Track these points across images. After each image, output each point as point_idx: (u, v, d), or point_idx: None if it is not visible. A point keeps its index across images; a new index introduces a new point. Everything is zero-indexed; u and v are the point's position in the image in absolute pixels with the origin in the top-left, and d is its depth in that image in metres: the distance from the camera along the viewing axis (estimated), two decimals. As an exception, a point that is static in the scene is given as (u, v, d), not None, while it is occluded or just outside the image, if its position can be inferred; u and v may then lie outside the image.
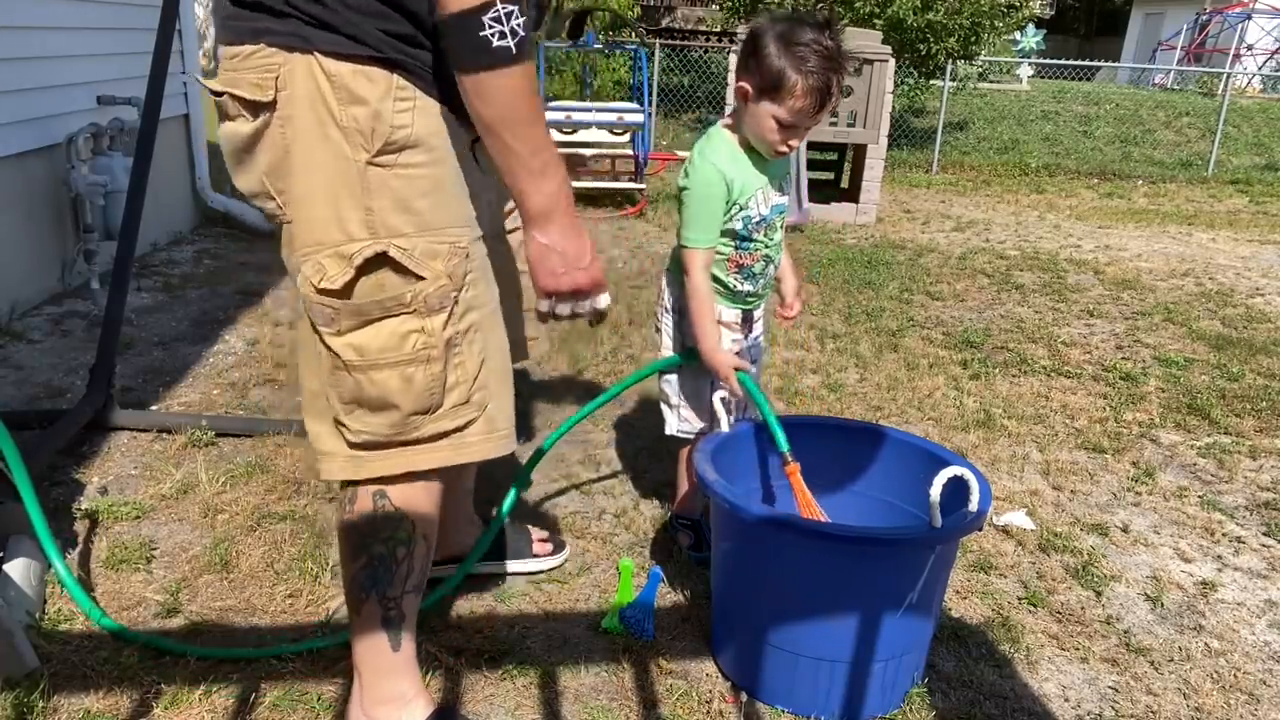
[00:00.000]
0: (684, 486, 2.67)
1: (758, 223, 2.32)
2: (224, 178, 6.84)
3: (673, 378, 2.51)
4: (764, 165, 2.31)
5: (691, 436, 2.55)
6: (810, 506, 2.16)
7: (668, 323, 2.49)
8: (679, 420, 2.54)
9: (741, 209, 2.29)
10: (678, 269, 2.40)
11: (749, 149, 2.29)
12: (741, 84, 2.19)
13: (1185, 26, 25.48)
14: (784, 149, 2.23)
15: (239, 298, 4.93)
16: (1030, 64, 19.42)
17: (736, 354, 2.39)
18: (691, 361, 2.40)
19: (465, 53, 1.43)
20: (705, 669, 2.21)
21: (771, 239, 2.38)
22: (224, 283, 5.20)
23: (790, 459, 2.19)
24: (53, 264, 4.72)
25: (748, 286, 2.41)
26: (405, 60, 1.50)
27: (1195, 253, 7.58)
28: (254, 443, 3.19)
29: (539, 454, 2.48)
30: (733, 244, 2.35)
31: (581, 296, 1.69)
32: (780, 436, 2.19)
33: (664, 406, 2.57)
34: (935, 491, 1.85)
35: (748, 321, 2.49)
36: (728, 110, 8.31)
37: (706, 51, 15.80)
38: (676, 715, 2.05)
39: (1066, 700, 2.18)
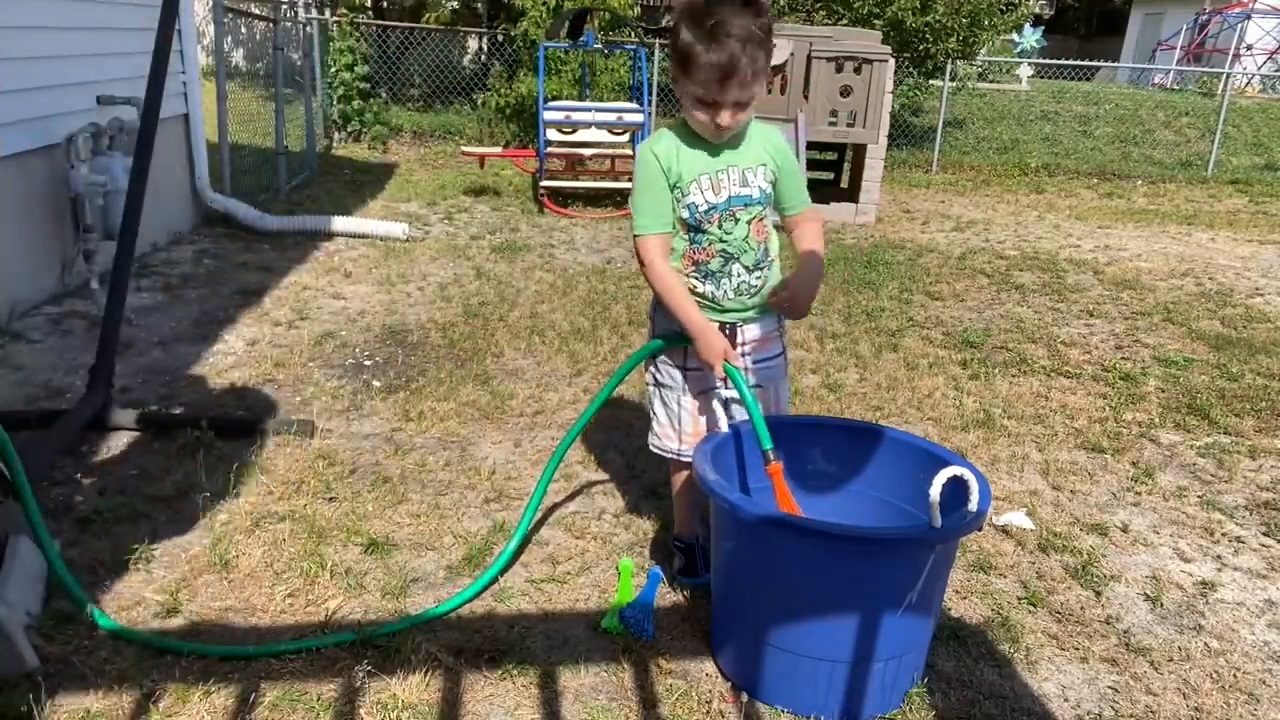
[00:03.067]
0: (679, 509, 2.61)
1: (706, 211, 2.22)
2: (223, 177, 6.84)
3: (655, 393, 2.46)
4: (716, 152, 2.22)
5: (664, 454, 2.49)
6: (790, 507, 2.15)
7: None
8: (653, 436, 2.50)
9: (684, 194, 2.21)
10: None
11: (697, 137, 2.21)
12: (672, 69, 2.17)
13: (1185, 26, 25.48)
14: (712, 127, 2.15)
15: (238, 298, 4.93)
16: (1030, 64, 19.41)
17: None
18: (679, 344, 2.32)
19: None
20: (705, 669, 2.21)
21: (729, 232, 2.25)
22: (223, 283, 5.20)
23: (773, 457, 2.17)
24: (52, 264, 4.72)
25: (709, 288, 2.28)
26: None
27: (1195, 253, 7.58)
28: (254, 443, 3.19)
29: (560, 452, 2.54)
30: (685, 237, 2.26)
31: None
32: (764, 434, 2.17)
33: None
34: (935, 491, 1.85)
35: (730, 338, 2.33)
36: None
37: (706, 51, 15.77)
38: (676, 715, 2.05)
39: (1066, 700, 2.18)
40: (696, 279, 2.28)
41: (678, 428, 2.42)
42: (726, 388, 2.34)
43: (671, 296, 2.23)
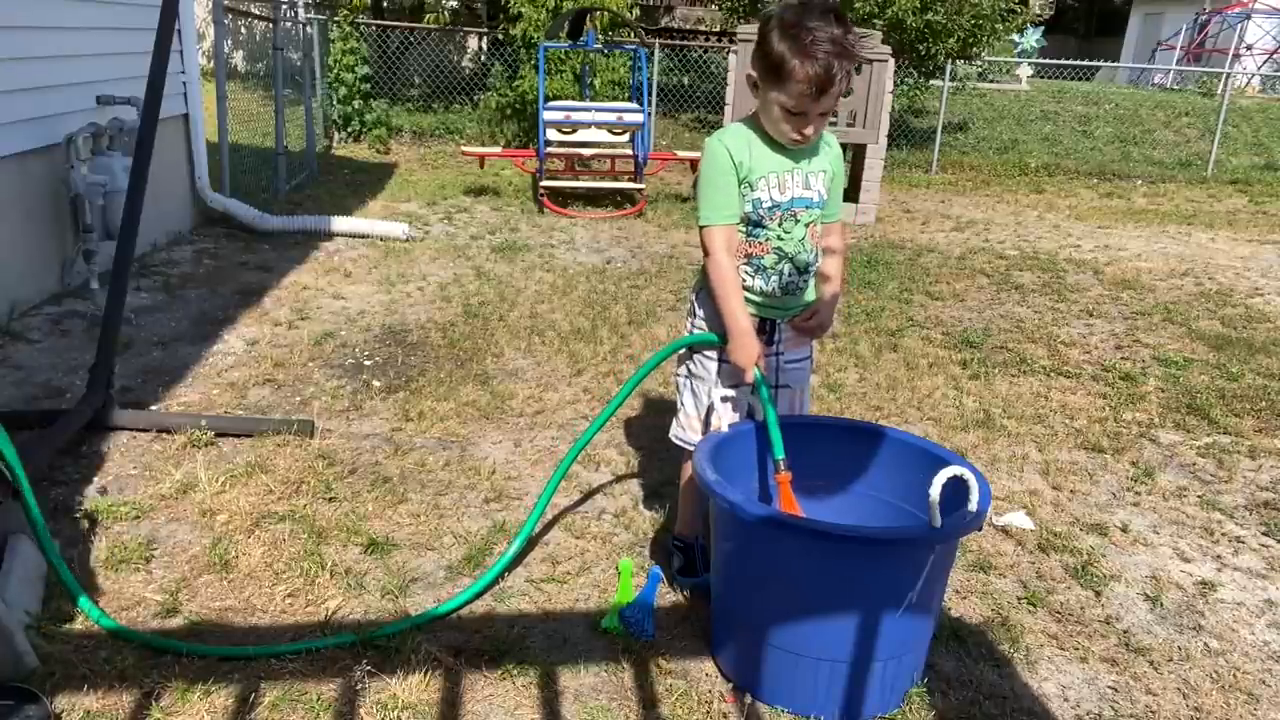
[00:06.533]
0: (684, 506, 2.62)
1: (769, 208, 2.24)
2: (223, 177, 6.84)
3: (686, 384, 2.47)
4: (787, 153, 2.24)
5: (684, 445, 2.50)
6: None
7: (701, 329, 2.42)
8: (676, 426, 2.52)
9: (752, 189, 2.23)
10: (704, 281, 2.35)
11: (769, 137, 2.23)
12: (749, 73, 2.17)
13: (1185, 26, 25.47)
14: (796, 137, 2.18)
15: (238, 298, 4.93)
16: (1030, 64, 19.40)
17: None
18: (708, 340, 2.36)
19: None
20: (705, 669, 2.21)
21: (788, 232, 2.28)
22: (223, 283, 5.20)
23: (784, 467, 2.20)
24: (52, 264, 4.72)
25: (758, 283, 2.31)
26: None
27: (1195, 252, 7.58)
28: (253, 443, 3.20)
29: (576, 448, 2.54)
30: (743, 230, 2.28)
31: None
32: (778, 444, 2.20)
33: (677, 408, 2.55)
34: (935, 491, 1.85)
35: (765, 333, 2.37)
36: (727, 110, 8.32)
37: (706, 51, 15.79)
38: (676, 715, 2.05)
39: (1066, 700, 2.18)
40: (747, 272, 2.32)
41: (704, 420, 2.43)
42: (753, 391, 2.37)
43: (724, 291, 2.26)
